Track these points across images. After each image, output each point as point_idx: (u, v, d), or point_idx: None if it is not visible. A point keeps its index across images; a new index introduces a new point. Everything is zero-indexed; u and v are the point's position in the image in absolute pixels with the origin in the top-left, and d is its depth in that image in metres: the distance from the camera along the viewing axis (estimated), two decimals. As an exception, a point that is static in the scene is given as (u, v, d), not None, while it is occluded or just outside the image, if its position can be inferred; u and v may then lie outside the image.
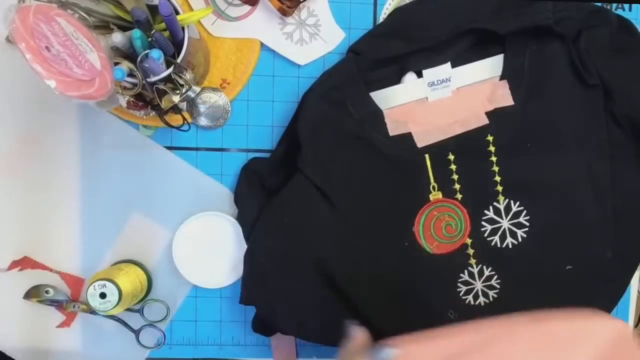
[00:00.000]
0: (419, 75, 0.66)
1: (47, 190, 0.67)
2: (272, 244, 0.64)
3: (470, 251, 0.66)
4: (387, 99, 0.65)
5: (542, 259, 0.66)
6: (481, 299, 0.67)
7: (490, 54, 0.66)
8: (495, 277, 0.66)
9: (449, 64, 0.65)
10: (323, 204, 0.64)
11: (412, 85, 0.66)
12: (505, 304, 0.66)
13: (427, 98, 0.66)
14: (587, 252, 0.66)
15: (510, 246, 0.66)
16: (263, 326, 0.67)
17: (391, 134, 0.64)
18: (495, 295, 0.67)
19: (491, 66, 0.66)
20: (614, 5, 0.69)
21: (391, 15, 0.66)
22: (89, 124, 0.67)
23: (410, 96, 0.66)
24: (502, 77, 0.65)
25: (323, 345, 0.67)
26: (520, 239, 0.66)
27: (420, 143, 0.64)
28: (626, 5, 0.69)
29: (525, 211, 0.65)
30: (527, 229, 0.66)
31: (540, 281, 0.66)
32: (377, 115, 0.64)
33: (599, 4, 0.67)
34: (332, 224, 0.65)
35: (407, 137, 0.64)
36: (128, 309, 0.66)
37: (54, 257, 0.68)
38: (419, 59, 0.65)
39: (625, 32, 0.64)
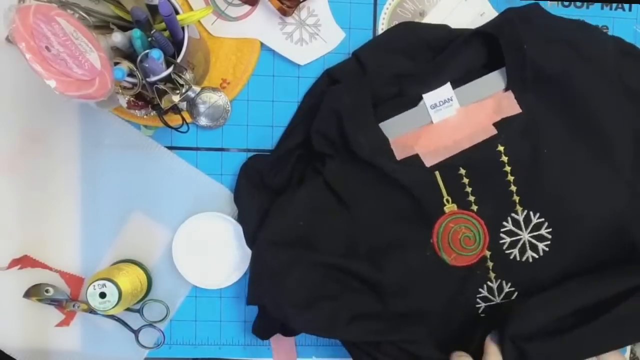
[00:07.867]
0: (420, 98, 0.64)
1: (48, 189, 0.68)
2: (282, 245, 0.62)
3: (490, 264, 0.62)
4: (392, 129, 0.63)
5: (565, 274, 0.61)
6: None
7: (490, 71, 0.64)
8: (516, 294, 0.62)
9: (448, 84, 0.63)
10: (343, 213, 0.63)
11: (415, 112, 0.64)
12: None
13: (431, 121, 0.64)
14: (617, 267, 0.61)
15: (530, 260, 0.62)
16: (263, 329, 0.66)
17: (398, 158, 0.62)
18: None
19: (493, 81, 0.63)
20: (614, 5, 0.69)
21: (397, 29, 0.66)
22: (89, 123, 0.67)
23: (415, 123, 0.64)
24: (506, 89, 0.62)
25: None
26: (541, 253, 0.62)
27: (428, 163, 0.62)
28: (626, 5, 0.69)
29: (546, 223, 0.61)
30: (549, 242, 0.62)
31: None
32: (383, 142, 0.62)
33: (599, 5, 0.67)
34: (349, 231, 0.63)
35: (415, 159, 0.62)
36: (128, 309, 0.66)
37: (54, 256, 0.68)
38: (418, 81, 0.64)
39: (625, 55, 0.62)
